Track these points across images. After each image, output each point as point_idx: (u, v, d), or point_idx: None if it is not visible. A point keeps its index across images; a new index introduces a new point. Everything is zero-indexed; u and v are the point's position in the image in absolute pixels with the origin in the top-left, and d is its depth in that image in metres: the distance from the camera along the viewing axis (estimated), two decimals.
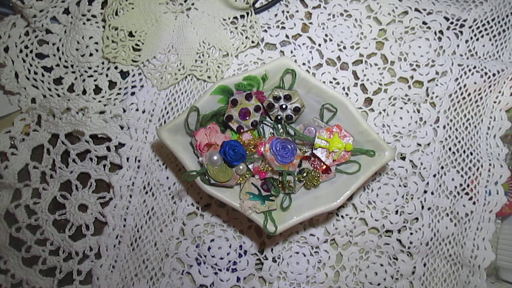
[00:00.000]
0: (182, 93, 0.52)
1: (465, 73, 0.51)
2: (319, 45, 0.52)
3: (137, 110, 0.52)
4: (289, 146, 0.43)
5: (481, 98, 0.52)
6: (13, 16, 0.54)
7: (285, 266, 0.52)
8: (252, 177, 0.45)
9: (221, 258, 0.52)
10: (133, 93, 0.53)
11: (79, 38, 0.52)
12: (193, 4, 0.51)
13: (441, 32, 0.52)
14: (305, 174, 0.45)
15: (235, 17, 0.51)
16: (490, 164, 0.51)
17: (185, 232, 0.52)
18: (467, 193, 0.51)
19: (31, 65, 0.54)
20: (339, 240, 0.52)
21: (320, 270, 0.53)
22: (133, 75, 0.53)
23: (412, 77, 0.52)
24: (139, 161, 0.52)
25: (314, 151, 0.43)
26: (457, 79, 0.51)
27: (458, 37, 0.52)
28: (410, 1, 0.52)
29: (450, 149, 0.52)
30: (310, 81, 0.43)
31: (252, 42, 0.51)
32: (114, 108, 0.52)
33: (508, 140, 0.54)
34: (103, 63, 0.53)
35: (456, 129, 0.52)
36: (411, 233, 0.52)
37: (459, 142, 0.52)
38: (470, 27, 0.52)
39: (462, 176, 0.52)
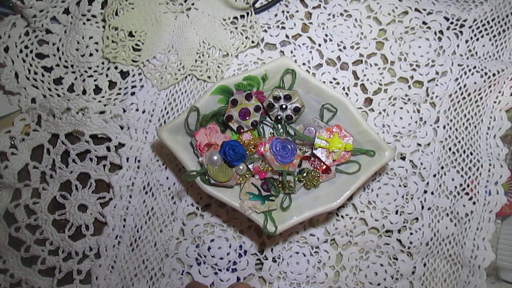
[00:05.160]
0: (182, 93, 0.52)
1: (465, 73, 0.51)
2: (319, 45, 0.52)
3: (137, 110, 0.52)
4: (289, 146, 0.43)
5: (481, 98, 0.52)
6: (13, 16, 0.54)
7: (285, 266, 0.52)
8: (252, 177, 0.45)
9: (221, 258, 0.52)
10: (133, 93, 0.53)
11: (79, 38, 0.52)
12: (193, 4, 0.51)
13: (441, 32, 0.52)
14: (305, 174, 0.45)
15: (235, 17, 0.51)
16: (490, 164, 0.51)
17: (185, 232, 0.52)
18: (467, 193, 0.51)
19: (31, 65, 0.54)
20: (339, 240, 0.52)
21: (320, 270, 0.53)
22: (133, 75, 0.53)
23: (412, 77, 0.52)
24: (139, 161, 0.52)
25: (314, 151, 0.43)
26: (457, 79, 0.51)
27: (458, 37, 0.52)
28: (410, 1, 0.52)
29: (450, 149, 0.52)
30: (310, 81, 0.43)
31: (252, 42, 0.51)
32: (114, 108, 0.52)
33: (508, 140, 0.54)
34: (103, 63, 0.53)
35: (456, 129, 0.52)
36: (411, 233, 0.52)
37: (459, 142, 0.52)
38: (470, 27, 0.52)
39: (462, 176, 0.52)
